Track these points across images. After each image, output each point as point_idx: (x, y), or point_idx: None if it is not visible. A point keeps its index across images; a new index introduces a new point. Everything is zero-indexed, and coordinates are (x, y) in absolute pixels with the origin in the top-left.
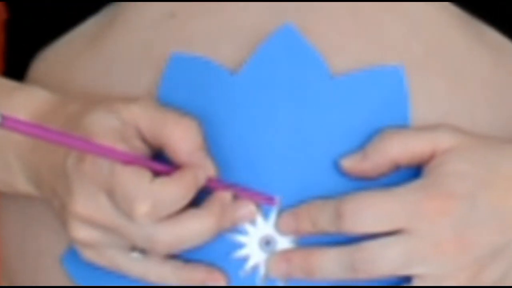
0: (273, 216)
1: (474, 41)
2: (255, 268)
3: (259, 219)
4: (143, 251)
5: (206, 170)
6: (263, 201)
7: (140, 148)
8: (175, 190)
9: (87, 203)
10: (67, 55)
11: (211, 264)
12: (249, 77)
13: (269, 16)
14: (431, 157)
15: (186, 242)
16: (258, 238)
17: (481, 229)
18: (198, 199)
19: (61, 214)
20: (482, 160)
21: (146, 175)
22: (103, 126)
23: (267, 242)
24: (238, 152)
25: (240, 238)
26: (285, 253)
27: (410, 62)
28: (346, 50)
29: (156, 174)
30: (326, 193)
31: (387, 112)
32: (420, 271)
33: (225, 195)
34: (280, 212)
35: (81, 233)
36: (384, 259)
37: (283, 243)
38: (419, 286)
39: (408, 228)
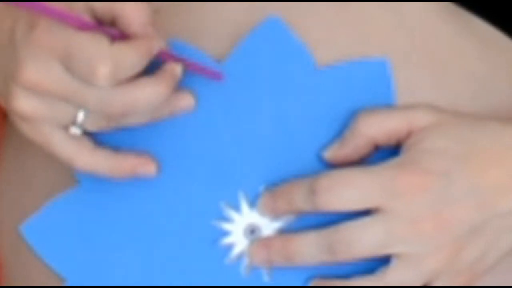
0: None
1: (461, 33)
2: (240, 257)
3: (245, 207)
4: (82, 128)
5: (157, 42)
6: (209, 75)
7: None
8: (133, 53)
9: (37, 70)
10: None
11: (200, 250)
12: (233, 67)
13: (253, 10)
14: (408, 135)
15: (138, 106)
16: (243, 227)
17: (459, 206)
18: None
19: (5, 91)
20: (458, 137)
21: (105, 39)
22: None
23: (252, 231)
24: (222, 140)
25: (226, 226)
26: (265, 239)
27: (395, 54)
28: (331, 43)
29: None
30: None
31: (372, 104)
32: (399, 250)
33: (175, 66)
34: None
35: (25, 103)
36: (362, 240)
37: (268, 231)
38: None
39: (384, 207)
